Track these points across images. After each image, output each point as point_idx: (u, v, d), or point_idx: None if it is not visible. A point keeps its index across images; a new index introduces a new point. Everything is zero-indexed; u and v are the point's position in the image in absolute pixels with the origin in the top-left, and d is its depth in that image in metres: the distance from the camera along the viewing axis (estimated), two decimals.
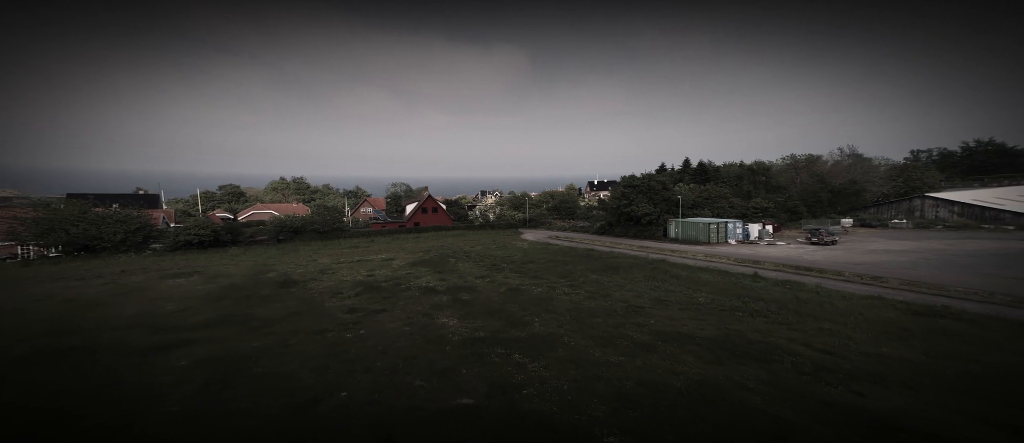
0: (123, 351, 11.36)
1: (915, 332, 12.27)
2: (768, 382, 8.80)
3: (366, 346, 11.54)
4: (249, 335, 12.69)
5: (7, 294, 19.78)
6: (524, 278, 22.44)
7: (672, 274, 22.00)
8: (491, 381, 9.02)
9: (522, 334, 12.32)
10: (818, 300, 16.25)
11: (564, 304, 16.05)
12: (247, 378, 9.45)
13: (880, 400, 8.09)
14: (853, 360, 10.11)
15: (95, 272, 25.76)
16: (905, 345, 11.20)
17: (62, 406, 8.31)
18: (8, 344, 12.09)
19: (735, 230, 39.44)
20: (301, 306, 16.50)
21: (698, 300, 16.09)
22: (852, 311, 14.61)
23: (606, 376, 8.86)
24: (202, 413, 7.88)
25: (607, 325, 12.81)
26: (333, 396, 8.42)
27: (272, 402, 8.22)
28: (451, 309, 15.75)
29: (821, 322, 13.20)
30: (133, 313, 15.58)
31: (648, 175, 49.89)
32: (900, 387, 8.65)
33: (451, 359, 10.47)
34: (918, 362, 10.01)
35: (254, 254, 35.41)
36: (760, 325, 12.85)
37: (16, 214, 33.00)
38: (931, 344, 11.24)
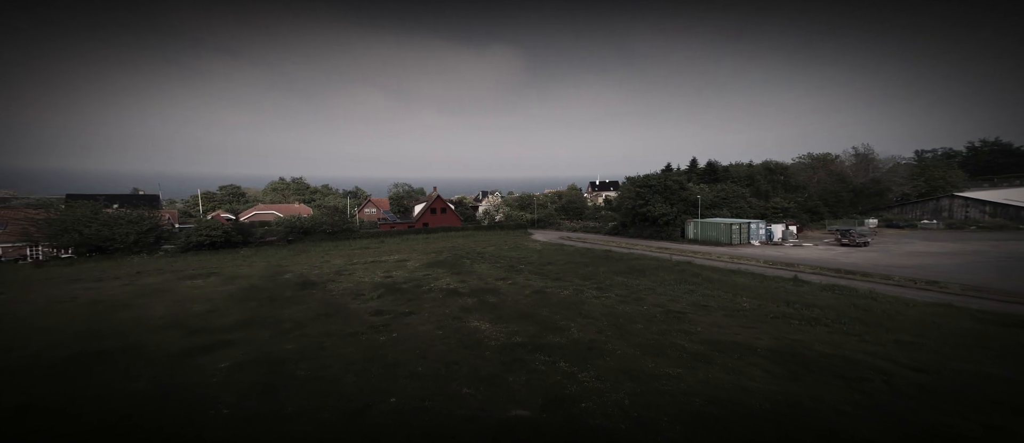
0: (163, 353, 11.49)
1: (1010, 346, 11.22)
2: (864, 405, 7.97)
3: (402, 350, 11.45)
4: (282, 337, 12.70)
5: (30, 296, 19.80)
6: (546, 280, 22.01)
7: (703, 277, 21.39)
8: (543, 391, 8.59)
9: (561, 340, 11.88)
10: (879, 307, 15.44)
11: (596, 308, 15.58)
12: (292, 381, 9.44)
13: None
14: (956, 380, 9.08)
15: (111, 274, 25.77)
16: (1007, 363, 10.13)
17: (117, 408, 8.35)
18: (49, 346, 12.26)
19: (758, 231, 38.62)
20: (326, 308, 16.38)
21: (741, 305, 15.49)
22: (923, 320, 13.80)
23: (668, 390, 8.37)
24: (256, 416, 7.82)
25: (651, 332, 12.30)
26: (383, 401, 8.33)
27: (322, 406, 8.20)
28: (479, 312, 15.40)
29: (893, 332, 12.40)
30: (162, 314, 15.67)
31: (664, 174, 49.18)
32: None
33: (494, 365, 10.16)
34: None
35: (265, 255, 35.33)
36: (823, 335, 12.14)
37: (28, 215, 33.20)
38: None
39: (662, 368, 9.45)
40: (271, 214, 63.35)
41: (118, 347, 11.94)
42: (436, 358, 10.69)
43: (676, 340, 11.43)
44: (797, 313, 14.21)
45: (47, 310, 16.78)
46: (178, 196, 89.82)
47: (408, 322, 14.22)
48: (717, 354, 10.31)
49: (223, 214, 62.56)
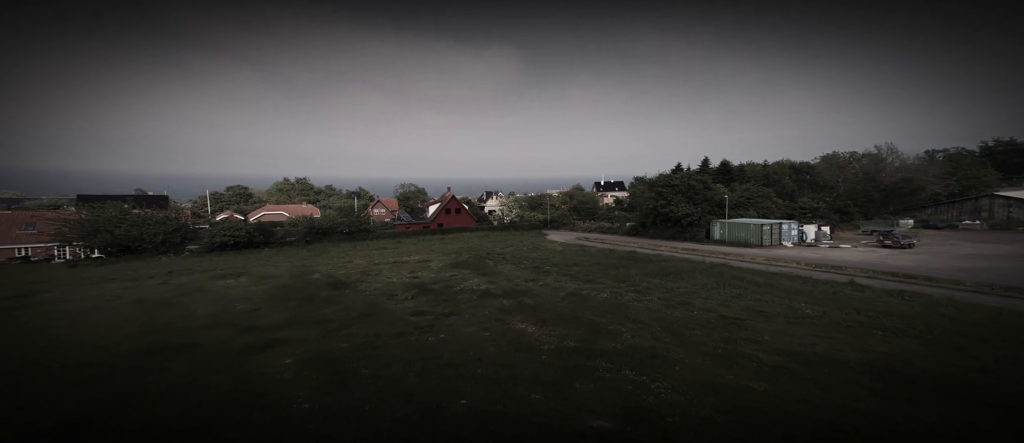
0: (227, 348, 11.84)
1: None
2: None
3: (453, 351, 11.30)
4: (331, 337, 12.80)
5: (75, 294, 20.09)
6: (578, 282, 21.49)
7: (745, 280, 20.58)
8: (616, 401, 8.11)
9: (616, 345, 11.38)
10: (971, 317, 13.97)
11: (640, 312, 15.01)
12: (359, 380, 9.56)
13: None
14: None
15: (144, 273, 26.06)
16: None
17: (208, 398, 8.70)
18: (121, 339, 12.78)
19: (790, 232, 37.42)
20: (365, 308, 16.29)
21: (802, 312, 14.65)
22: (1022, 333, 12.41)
23: (762, 408, 7.63)
24: (337, 414, 7.92)
25: (713, 340, 11.65)
26: (453, 403, 8.26)
27: (396, 404, 8.25)
28: (520, 314, 15.02)
29: (996, 346, 11.04)
30: (207, 313, 15.95)
31: (687, 174, 48.13)
32: None
33: (554, 371, 9.81)
34: None
35: (287, 255, 35.53)
36: (915, 347, 11.02)
37: (60, 216, 34.02)
38: None
39: (743, 381, 8.79)
40: (280, 214, 63.88)
41: (183, 343, 12.43)
42: (491, 361, 10.50)
43: (745, 349, 10.77)
44: (873, 322, 13.25)
45: (99, 307, 17.26)
46: (180, 197, 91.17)
47: (451, 323, 14.02)
48: (802, 368, 9.52)
49: (229, 214, 63.30)
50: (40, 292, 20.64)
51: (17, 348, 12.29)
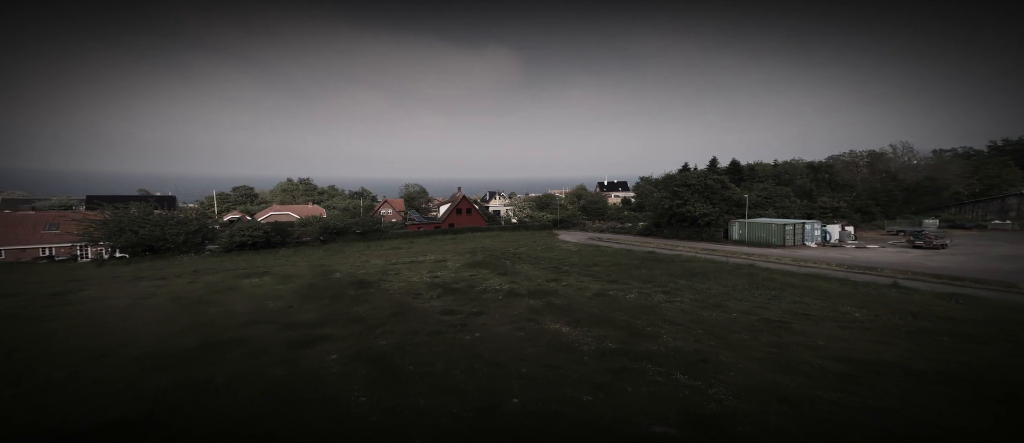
0: (271, 344, 11.98)
1: None
2: None
3: (492, 349, 11.11)
4: (369, 334, 12.81)
5: (111, 292, 20.27)
6: (601, 282, 21.08)
7: (778, 282, 19.96)
8: (674, 406, 7.72)
9: (659, 348, 10.98)
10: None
11: (675, 314, 14.56)
12: (407, 376, 9.51)
13: None
14: None
15: (171, 272, 26.22)
16: None
17: (274, 389, 8.95)
18: (173, 334, 13.10)
19: (813, 232, 36.54)
20: (394, 307, 16.18)
21: (851, 315, 13.92)
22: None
23: (844, 423, 6.92)
24: (394, 407, 7.92)
25: (761, 344, 11.10)
26: (506, 401, 8.09)
27: (449, 401, 8.18)
28: (551, 314, 14.70)
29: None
30: (244, 310, 16.12)
31: (704, 173, 47.35)
32: None
33: (601, 373, 9.44)
34: None
35: (304, 255, 35.63)
36: (997, 357, 10.14)
37: (86, 216, 34.62)
38: None
39: (810, 389, 8.15)
40: (287, 215, 64.22)
41: (232, 338, 12.64)
42: (533, 360, 10.27)
43: (800, 355, 10.19)
44: (935, 327, 12.44)
45: (138, 304, 17.48)
46: (184, 197, 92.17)
47: (483, 322, 13.80)
48: (872, 377, 8.81)
49: (245, 216, 63.82)
50: (78, 290, 20.91)
51: (78, 342, 12.68)
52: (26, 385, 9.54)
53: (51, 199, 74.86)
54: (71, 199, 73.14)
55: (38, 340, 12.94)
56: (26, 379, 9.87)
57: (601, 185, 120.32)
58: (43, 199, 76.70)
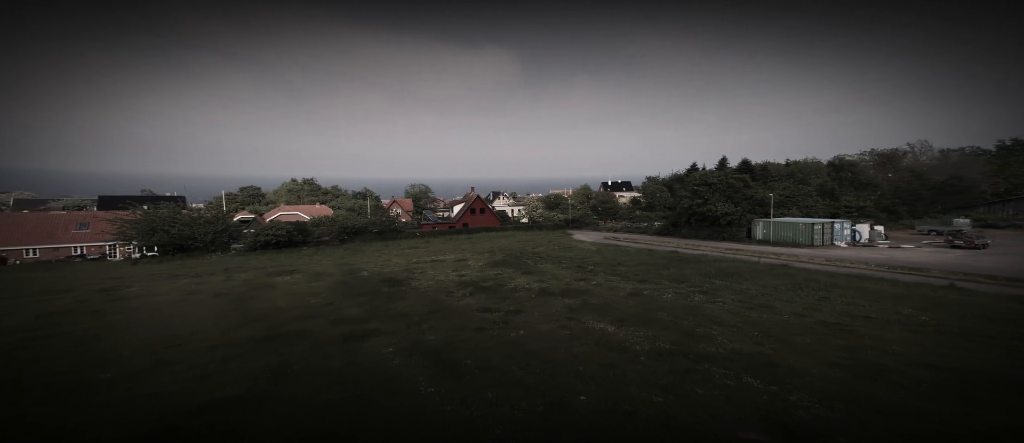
0: (328, 337, 12.06)
1: None
2: None
3: (543, 347, 10.79)
4: (414, 329, 12.70)
5: (155, 289, 20.41)
6: (631, 282, 20.46)
7: (821, 282, 19.06)
8: (755, 412, 7.13)
9: (717, 350, 10.38)
10: None
11: (721, 315, 13.89)
12: (468, 370, 9.33)
13: None
14: None
15: (205, 270, 26.37)
16: None
17: (342, 379, 9.12)
18: (234, 327, 13.32)
19: (842, 231, 35.30)
20: (431, 304, 15.96)
21: (915, 318, 12.98)
22: None
23: (958, 437, 6.28)
24: (465, 398, 7.90)
25: (830, 348, 10.30)
26: (573, 399, 7.82)
27: (515, 395, 8.02)
28: (591, 314, 14.21)
29: None
30: (288, 306, 16.12)
31: (725, 172, 46.25)
32: None
33: (663, 374, 8.94)
34: None
35: (326, 254, 35.65)
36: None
37: (118, 216, 35.24)
38: None
39: (909, 400, 7.41)
40: (296, 215, 64.59)
41: (290, 331, 12.71)
42: (586, 358, 9.95)
43: (877, 360, 9.37)
44: (1017, 332, 11.62)
45: (186, 300, 17.61)
46: (190, 198, 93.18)
47: (524, 320, 13.42)
48: (974, 390, 7.92)
49: (243, 215, 64.26)
50: (124, 286, 21.11)
51: (148, 333, 12.95)
52: (122, 368, 9.99)
53: (62, 199, 76.38)
54: (83, 200, 74.57)
55: (111, 331, 13.38)
56: (117, 364, 10.27)
57: (605, 185, 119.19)
58: (56, 199, 78.25)
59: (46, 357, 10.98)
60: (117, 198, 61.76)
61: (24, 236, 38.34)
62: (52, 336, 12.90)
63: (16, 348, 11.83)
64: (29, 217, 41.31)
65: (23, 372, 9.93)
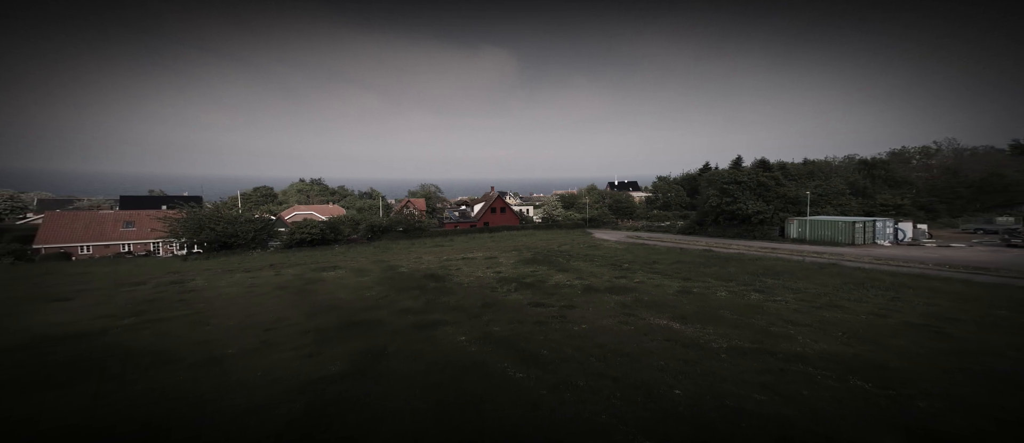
0: (401, 326, 12.05)
1: None
2: None
3: (612, 341, 10.44)
4: (475, 321, 12.50)
5: (216, 282, 20.72)
6: (673, 279, 19.59)
7: (885, 282, 17.81)
8: (883, 420, 6.41)
9: (803, 350, 9.59)
10: None
11: (789, 313, 13.00)
12: (547, 360, 9.14)
13: None
14: None
15: (253, 265, 26.78)
16: None
17: (437, 362, 9.24)
18: (313, 314, 13.44)
19: (885, 230, 33.50)
20: (481, 298, 15.64)
21: (1017, 321, 11.94)
22: None
23: None
24: (558, 384, 7.78)
25: (933, 352, 9.36)
26: (668, 392, 7.49)
27: (606, 386, 7.79)
28: (649, 310, 13.59)
29: None
30: (350, 298, 16.16)
31: (756, 170, 44.64)
32: None
33: (755, 372, 8.35)
34: None
35: (357, 252, 35.77)
36: None
37: (167, 215, 36.38)
38: None
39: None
40: (308, 214, 65.46)
41: (365, 320, 12.79)
42: (662, 354, 9.53)
43: (1001, 367, 8.57)
44: None
45: (251, 293, 17.83)
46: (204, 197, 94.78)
47: (581, 315, 12.98)
48: None
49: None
50: (189, 279, 21.51)
51: (237, 320, 13.35)
52: (239, 346, 10.47)
53: (83, 200, 78.98)
54: (105, 200, 77.07)
55: (207, 316, 13.74)
56: (233, 343, 10.73)
57: (611, 185, 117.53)
58: (77, 199, 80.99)
59: (170, 335, 11.64)
60: (139, 198, 64.07)
61: (79, 234, 40.02)
62: (161, 319, 13.46)
63: (138, 328, 12.54)
64: (82, 216, 42.97)
65: (158, 346, 10.70)
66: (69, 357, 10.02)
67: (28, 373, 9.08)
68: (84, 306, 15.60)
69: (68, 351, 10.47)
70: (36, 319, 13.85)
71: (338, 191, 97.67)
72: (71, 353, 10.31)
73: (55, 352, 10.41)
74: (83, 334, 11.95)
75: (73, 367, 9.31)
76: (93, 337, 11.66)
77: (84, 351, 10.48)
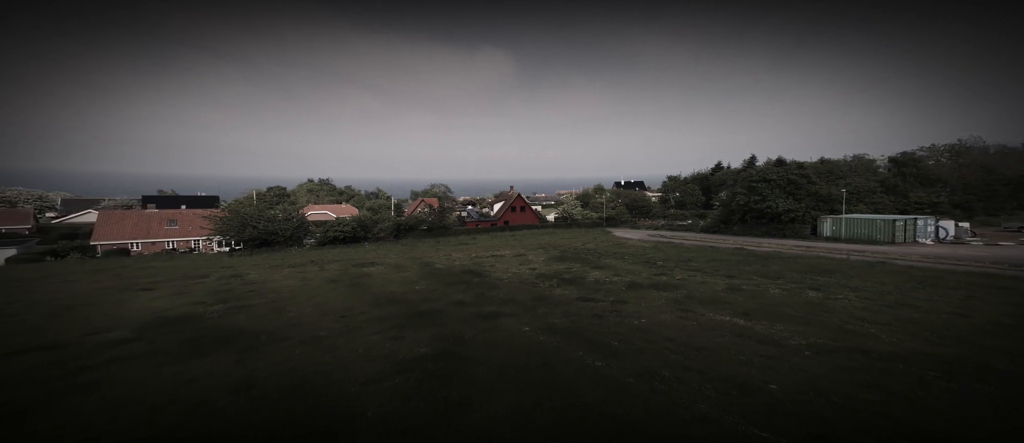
0: (463, 316, 11.93)
1: None
2: None
3: (678, 335, 10.03)
4: (531, 313, 12.15)
5: (271, 276, 20.89)
6: (717, 277, 18.83)
7: (949, 281, 16.68)
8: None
9: (893, 349, 8.86)
10: None
11: (858, 311, 12.18)
12: (619, 350, 8.84)
13: None
14: None
15: (297, 261, 27.09)
16: None
17: (518, 347, 9.24)
18: (372, 305, 13.47)
19: (927, 228, 31.80)
20: (528, 293, 15.29)
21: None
22: None
23: None
24: (640, 374, 7.59)
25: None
26: (763, 386, 7.04)
27: (693, 377, 7.46)
28: (702, 306, 12.94)
29: None
30: (402, 290, 16.10)
31: (785, 168, 43.11)
32: None
33: (852, 370, 7.73)
34: None
35: (387, 249, 35.98)
36: None
37: (212, 213, 37.50)
38: None
39: None
40: (323, 214, 66.19)
41: (428, 310, 12.65)
42: (738, 349, 8.99)
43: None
44: None
45: (306, 285, 17.77)
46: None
47: (635, 310, 12.47)
48: None
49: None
50: (244, 273, 21.80)
51: (309, 307, 13.43)
52: (326, 329, 10.65)
53: (105, 200, 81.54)
54: (131, 200, 79.53)
55: (282, 305, 13.84)
56: (319, 327, 10.97)
57: (618, 184, 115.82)
58: (110, 199, 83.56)
59: (263, 319, 11.89)
60: (158, 198, 66.14)
61: (129, 232, 41.77)
62: (244, 307, 13.61)
63: (231, 313, 12.63)
64: (130, 215, 44.69)
65: (259, 327, 10.98)
66: (196, 334, 10.40)
67: (174, 344, 9.65)
68: (169, 295, 15.97)
69: (191, 329, 10.86)
70: (140, 304, 14.29)
71: (346, 191, 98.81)
72: (195, 331, 10.72)
73: (182, 330, 10.85)
74: (189, 316, 12.25)
75: (207, 341, 9.80)
76: (199, 319, 11.94)
77: (204, 329, 10.85)
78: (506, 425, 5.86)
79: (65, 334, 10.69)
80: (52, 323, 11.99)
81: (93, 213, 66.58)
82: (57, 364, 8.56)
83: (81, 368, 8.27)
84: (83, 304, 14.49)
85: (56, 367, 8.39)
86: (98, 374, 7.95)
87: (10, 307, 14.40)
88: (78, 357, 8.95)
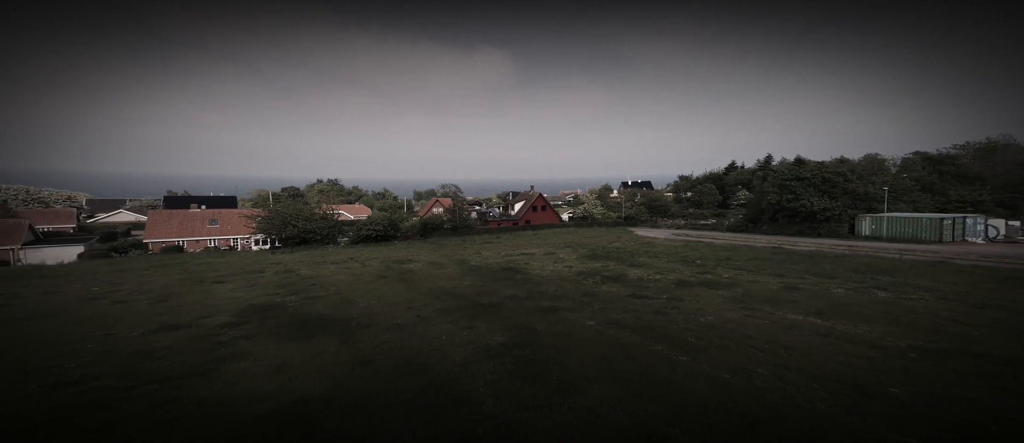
0: (522, 309, 11.64)
1: None
2: None
3: (755, 333, 9.39)
4: (587, 308, 11.70)
5: (319, 271, 20.87)
6: (766, 276, 17.83)
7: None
8: None
9: (1013, 354, 8.07)
10: None
11: (941, 312, 11.20)
12: (696, 347, 8.35)
13: None
14: None
15: (338, 259, 27.21)
16: None
17: (587, 338, 8.98)
18: (431, 299, 13.24)
19: (976, 226, 29.76)
20: (575, 289, 14.85)
21: None
22: None
23: None
24: (735, 370, 7.16)
25: None
26: (878, 389, 6.52)
27: (792, 375, 6.97)
28: (766, 305, 12.14)
29: None
30: (450, 286, 15.83)
31: (820, 166, 41.24)
32: None
33: (977, 376, 6.96)
34: None
35: (416, 247, 36.05)
36: None
37: (254, 213, 38.54)
38: None
39: None
40: (340, 213, 66.59)
41: (487, 303, 12.41)
42: (827, 349, 8.34)
43: None
44: None
45: (358, 280, 17.70)
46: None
47: (695, 307, 11.83)
48: None
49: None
50: (295, 269, 21.87)
51: (374, 299, 13.32)
52: (397, 319, 10.54)
53: (128, 201, 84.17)
54: (151, 200, 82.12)
55: (348, 296, 13.88)
56: (392, 316, 10.88)
57: (625, 185, 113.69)
58: (134, 200, 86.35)
59: (338, 308, 11.83)
60: (176, 198, 68.34)
61: (176, 230, 43.44)
62: (314, 298, 13.58)
63: (306, 303, 12.59)
64: (177, 214, 46.40)
65: (339, 315, 11.01)
66: (291, 320, 10.49)
67: (281, 328, 9.80)
68: (242, 287, 16.07)
69: (285, 316, 10.92)
70: (223, 294, 14.49)
71: (353, 191, 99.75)
72: (289, 317, 10.80)
73: (277, 316, 10.93)
74: (273, 305, 12.30)
75: (309, 325, 9.89)
76: (283, 308, 11.97)
77: (295, 316, 10.88)
78: (616, 410, 5.60)
79: (179, 318, 10.94)
80: (159, 308, 12.36)
81: (124, 213, 69.55)
82: (198, 339, 8.92)
83: (219, 343, 8.62)
84: (173, 294, 14.82)
85: (199, 342, 8.74)
86: (237, 348, 8.29)
87: (116, 294, 14.93)
88: (208, 335, 9.23)
